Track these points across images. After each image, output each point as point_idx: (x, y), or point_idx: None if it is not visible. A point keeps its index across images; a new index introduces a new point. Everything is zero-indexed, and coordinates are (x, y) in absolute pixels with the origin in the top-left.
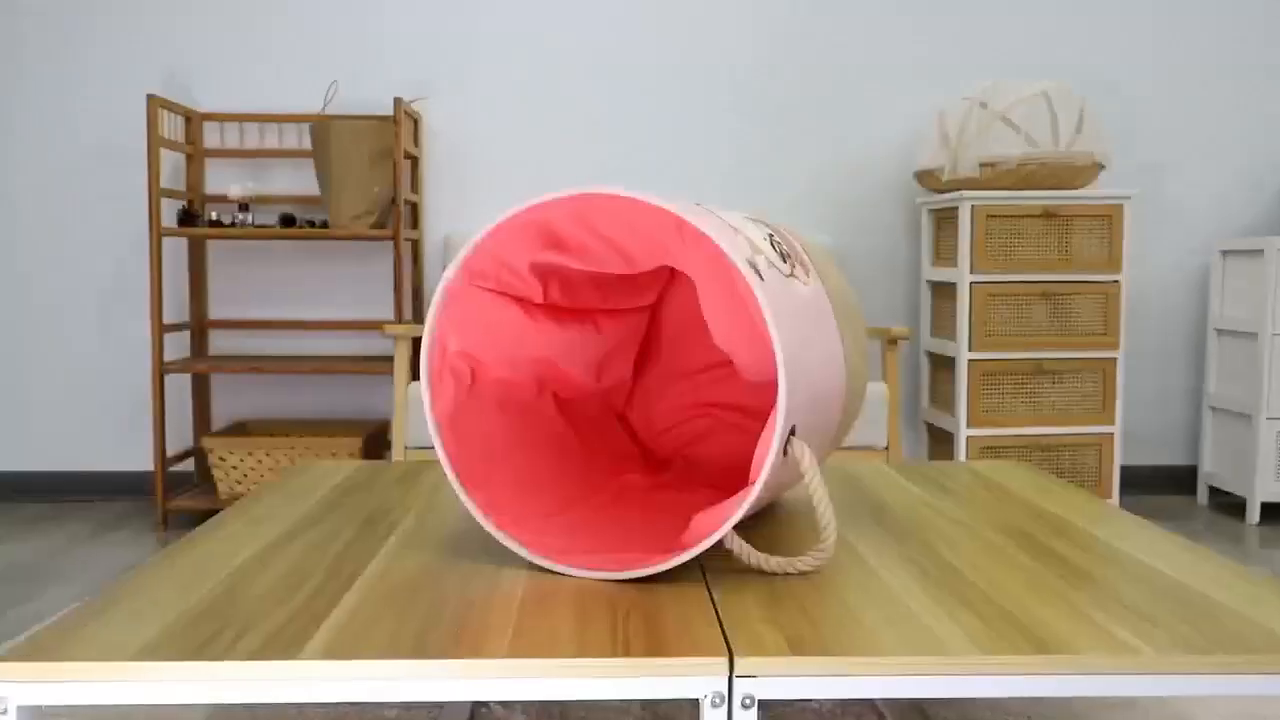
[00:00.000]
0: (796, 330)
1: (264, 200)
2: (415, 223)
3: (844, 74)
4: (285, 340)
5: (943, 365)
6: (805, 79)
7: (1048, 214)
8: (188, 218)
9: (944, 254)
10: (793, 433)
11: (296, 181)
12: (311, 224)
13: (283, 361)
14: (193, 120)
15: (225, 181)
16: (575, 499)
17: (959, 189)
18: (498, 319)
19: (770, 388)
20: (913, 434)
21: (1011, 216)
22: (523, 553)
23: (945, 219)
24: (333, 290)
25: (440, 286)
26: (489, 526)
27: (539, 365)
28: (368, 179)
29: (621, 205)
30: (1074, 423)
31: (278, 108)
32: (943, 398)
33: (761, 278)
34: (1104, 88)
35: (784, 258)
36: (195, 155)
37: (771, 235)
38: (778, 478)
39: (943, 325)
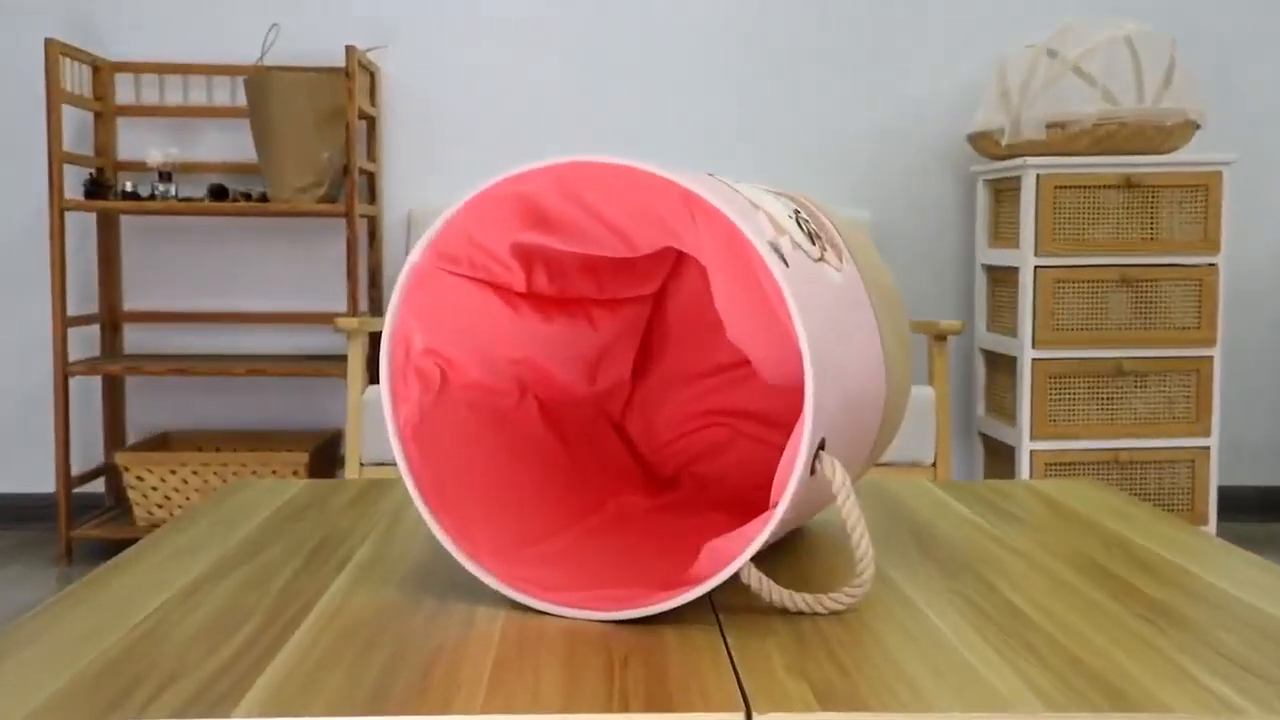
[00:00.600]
0: (827, 324)
1: (190, 168)
2: (372, 196)
3: (881, 17)
4: (216, 336)
5: (1001, 366)
6: (835, 25)
7: (1129, 184)
8: (96, 188)
9: (1003, 233)
10: (822, 446)
11: (229, 146)
12: (247, 197)
13: (213, 362)
14: (102, 71)
15: (142, 145)
16: (563, 524)
17: (1022, 155)
18: (472, 311)
19: (795, 393)
20: (965, 447)
21: (1085, 187)
22: (501, 588)
23: (1005, 191)
24: (273, 276)
25: (403, 272)
26: (460, 557)
27: (521, 366)
28: (315, 143)
29: (618, 176)
30: (1160, 434)
31: (206, 56)
32: (1001, 404)
33: (785, 262)
34: (1198, 31)
35: (812, 238)
36: (105, 113)
37: (797, 212)
38: (805, 499)
39: (1001, 318)
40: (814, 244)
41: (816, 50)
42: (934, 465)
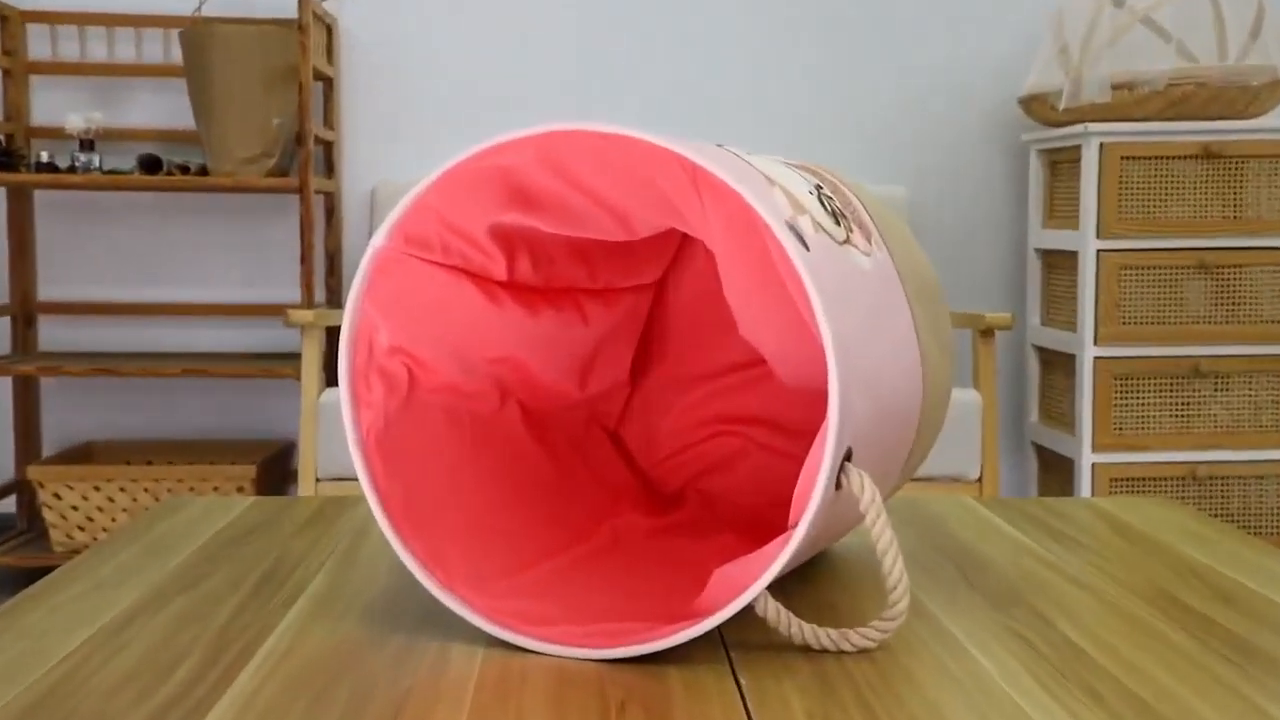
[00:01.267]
0: (854, 317)
1: (116, 136)
2: (329, 169)
3: None
4: (147, 331)
5: (1058, 365)
6: None
7: (1209, 154)
8: (5, 158)
9: (1060, 211)
10: (849, 457)
11: (162, 110)
12: (184, 169)
13: (144, 360)
14: (10, 21)
15: (59, 109)
16: (551, 549)
17: (1083, 120)
18: (445, 303)
19: (817, 396)
20: (1016, 459)
21: (1157, 158)
22: (479, 622)
23: (1063, 163)
24: (214, 262)
25: (365, 257)
26: (432, 587)
27: (502, 366)
28: (263, 108)
29: (613, 146)
30: (1245, 445)
31: (134, 6)
32: (1058, 410)
33: (806, 246)
34: None
35: (837, 218)
36: (15, 71)
37: (819, 188)
38: (829, 519)
39: (1058, 310)
40: (839, 224)
41: (842, 3)
42: (979, 480)
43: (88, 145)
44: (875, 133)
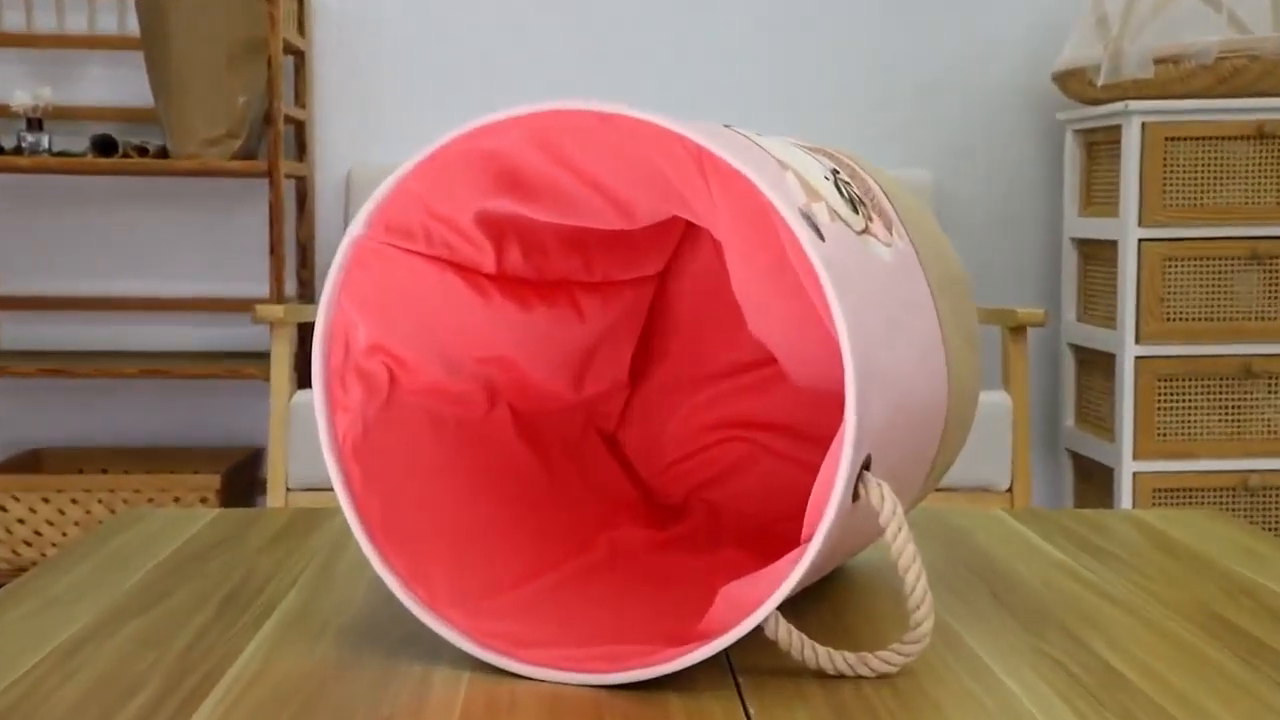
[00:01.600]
0: (873, 313)
1: (67, 114)
2: (302, 151)
3: None
4: (102, 328)
5: (1096, 365)
6: None
7: (1262, 134)
8: None
9: (1098, 196)
10: (867, 466)
11: (117, 87)
12: (142, 151)
13: (99, 360)
14: None
15: (4, 85)
16: (543, 565)
17: (1123, 97)
18: (429, 297)
19: (833, 399)
20: (1049, 468)
21: (1205, 138)
22: (464, 645)
23: (1101, 144)
24: (176, 252)
25: (341, 248)
26: (414, 606)
27: (491, 366)
28: (228, 84)
29: (612, 127)
30: None
31: None
32: (1096, 413)
33: (821, 235)
34: None
35: (855, 205)
36: None
37: (836, 172)
38: (845, 533)
39: (1096, 305)
40: (857, 212)
41: None
42: (1010, 490)
43: (36, 125)
44: (897, 112)
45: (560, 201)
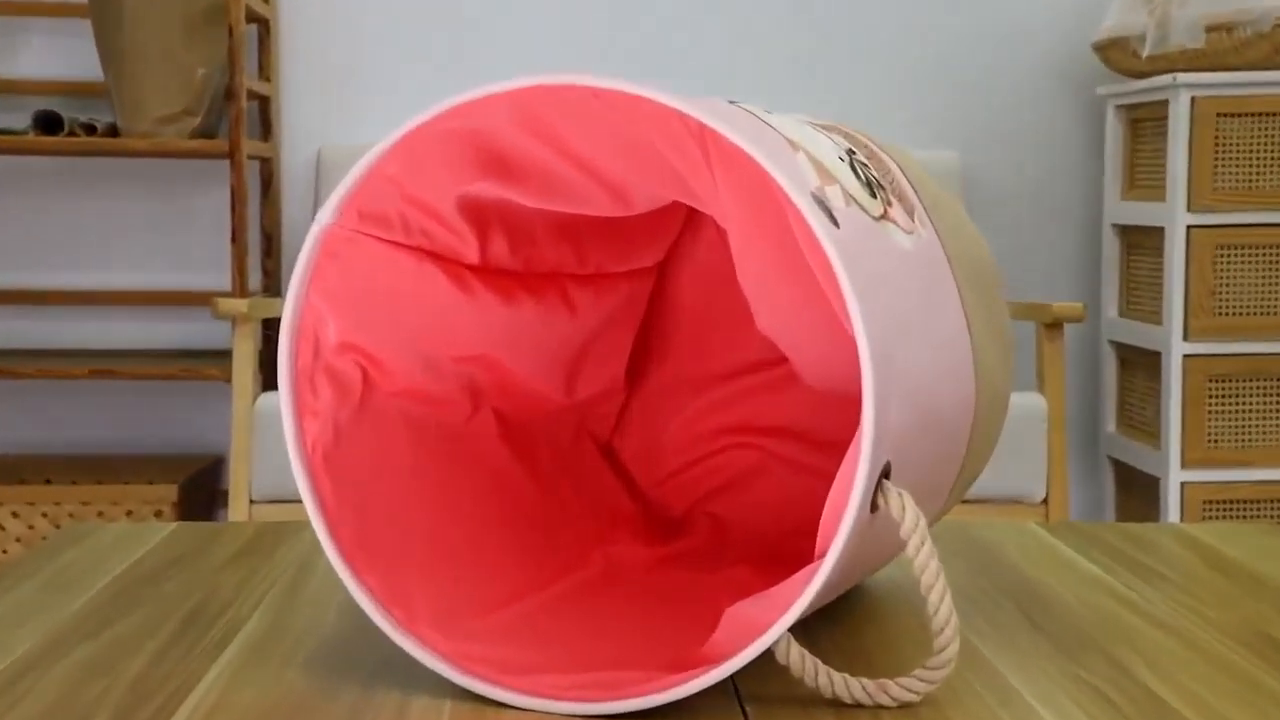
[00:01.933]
0: (893, 308)
1: (6, 88)
2: (266, 130)
3: None
4: (46, 324)
5: (1140, 365)
6: None
7: None
8: None
9: (1143, 179)
10: (886, 474)
11: (62, 58)
12: (90, 129)
13: (42, 359)
14: None
15: None
16: (532, 583)
17: (1171, 69)
18: (406, 291)
19: (849, 402)
20: (1089, 477)
21: (1261, 114)
22: (446, 671)
23: (1146, 121)
24: (128, 241)
25: (310, 236)
26: (391, 629)
27: (474, 366)
28: (184, 56)
29: (606, 104)
30: None
31: None
32: (1140, 417)
33: (835, 222)
34: None
35: (873, 189)
36: None
37: (852, 153)
38: (863, 548)
39: (1140, 298)
40: (875, 196)
41: None
42: (1044, 502)
43: None
44: (920, 87)
45: (549, 186)
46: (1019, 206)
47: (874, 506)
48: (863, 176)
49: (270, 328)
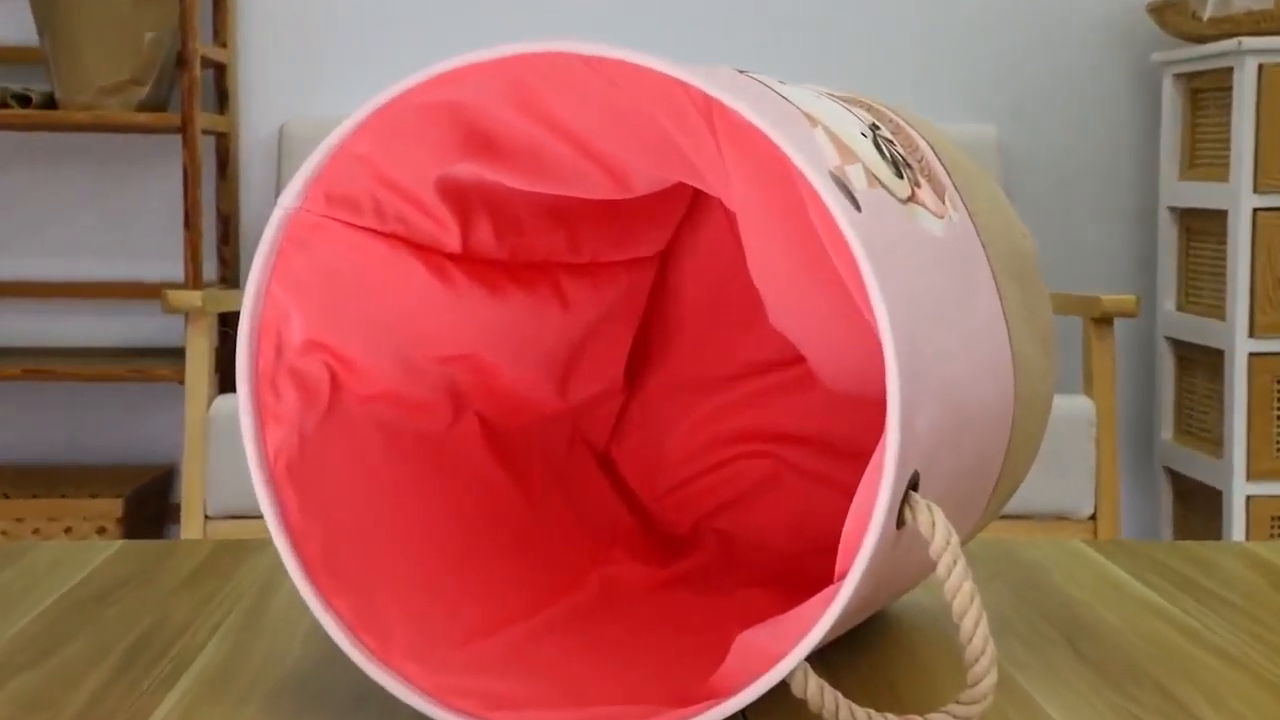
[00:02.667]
0: (922, 300)
1: None
2: (223, 102)
3: None
4: None
5: (1200, 364)
6: None
7: None
8: None
9: (1204, 156)
10: (914, 486)
11: None
12: (24, 100)
13: None
14: None
15: None
16: (520, 608)
17: (1236, 33)
18: (380, 283)
19: (872, 405)
20: (1142, 490)
21: None
22: (424, 706)
23: (1208, 91)
24: (68, 225)
25: (272, 221)
26: (363, 659)
27: (456, 367)
28: (131, 18)
29: (602, 74)
30: None
31: None
32: (1200, 424)
33: (857, 205)
34: None
35: (898, 168)
36: None
37: (876, 128)
38: (888, 569)
39: (1200, 290)
40: (901, 177)
41: None
42: (1093, 518)
43: None
44: (952, 53)
45: (540, 166)
46: (1064, 187)
47: (900, 522)
48: (888, 154)
49: (228, 323)
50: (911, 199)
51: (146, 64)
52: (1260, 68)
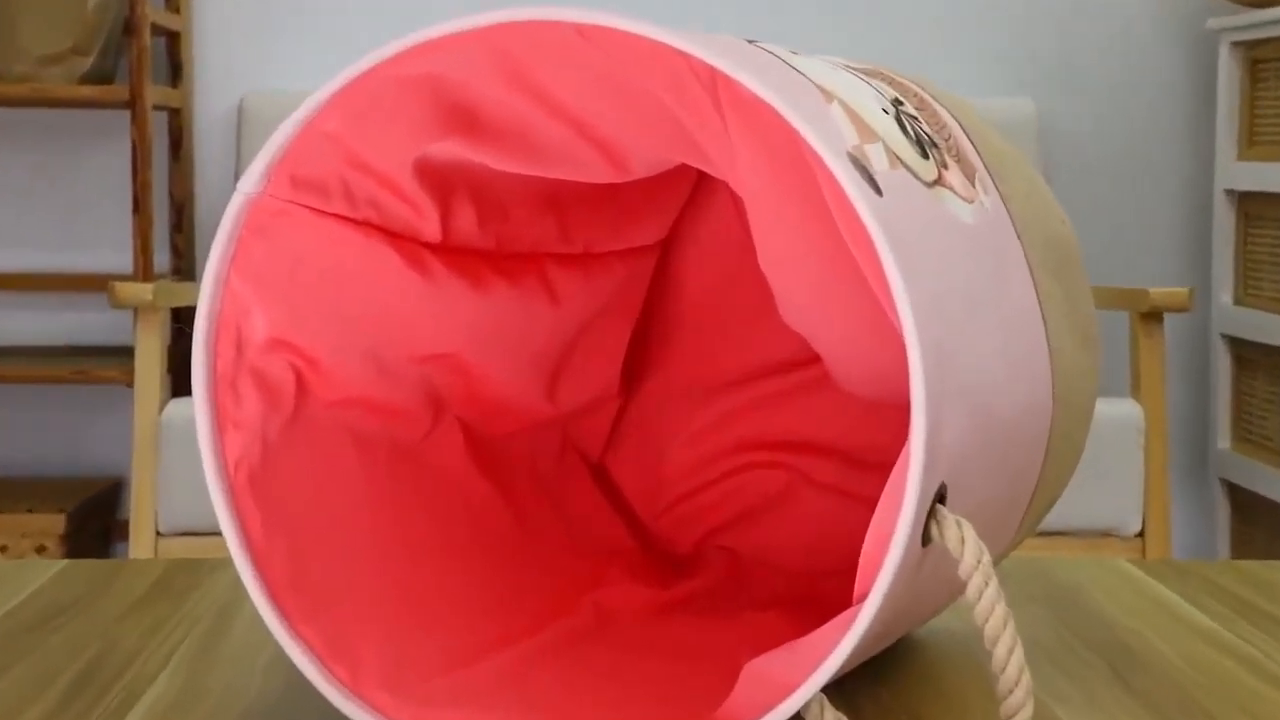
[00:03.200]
0: (949, 295)
1: None
2: (176, 74)
3: None
4: None
5: (1260, 364)
6: None
7: None
8: None
9: (1265, 133)
10: (941, 499)
11: None
12: None
13: None
14: None
15: None
16: (506, 635)
17: None
18: (351, 276)
19: (894, 410)
20: (1196, 503)
21: None
22: None
23: (1270, 61)
24: (2, 211)
25: (231, 206)
26: (334, 692)
27: (435, 367)
28: None
29: (597, 46)
30: None
31: None
32: (1260, 430)
33: (877, 189)
34: None
35: (924, 148)
36: None
37: (899, 104)
38: (912, 591)
39: (1260, 281)
40: (927, 157)
41: None
42: (1140, 535)
43: None
44: (984, 19)
45: (528, 145)
46: (1108, 168)
47: (927, 538)
48: (912, 132)
49: (182, 319)
50: (938, 182)
51: (90, 31)
52: None
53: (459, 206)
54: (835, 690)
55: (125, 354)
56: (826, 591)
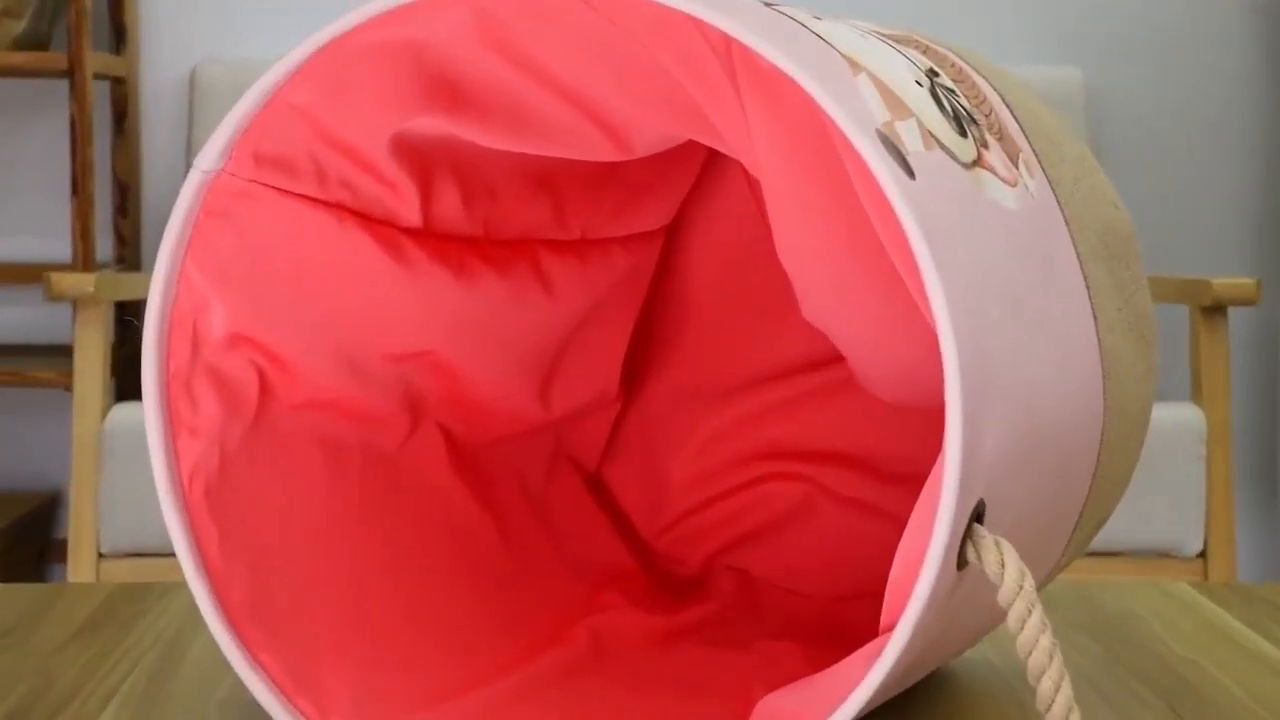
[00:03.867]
0: (989, 289)
1: None
2: (120, 39)
3: None
4: None
5: None
6: None
7: None
8: None
9: None
10: (979, 517)
11: None
12: None
13: None
14: None
15: None
16: (493, 665)
17: None
18: (320, 264)
19: (927, 417)
20: (1265, 521)
21: None
22: None
23: None
24: None
25: (187, 189)
26: None
27: (414, 367)
28: None
29: (597, 10)
30: None
31: None
32: None
33: (910, 171)
34: None
35: (962, 125)
36: None
37: (935, 75)
38: (946, 618)
39: None
40: (966, 135)
41: None
42: (1201, 555)
43: None
44: None
45: (519, 120)
46: (1165, 146)
47: (962, 562)
48: (949, 107)
49: (128, 314)
50: (977, 163)
51: None
52: None
53: (441, 187)
54: None
55: (63, 353)
56: (848, 619)
